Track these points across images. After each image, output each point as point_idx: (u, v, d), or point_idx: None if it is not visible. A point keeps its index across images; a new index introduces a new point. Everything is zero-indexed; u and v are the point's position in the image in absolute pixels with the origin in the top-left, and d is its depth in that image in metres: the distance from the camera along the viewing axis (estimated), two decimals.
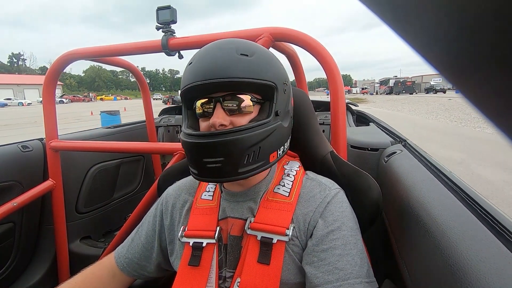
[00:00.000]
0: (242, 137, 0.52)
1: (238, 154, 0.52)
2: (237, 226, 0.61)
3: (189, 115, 0.61)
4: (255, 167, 0.55)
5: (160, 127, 2.22)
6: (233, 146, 0.52)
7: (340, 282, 0.50)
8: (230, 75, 0.52)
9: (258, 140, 0.54)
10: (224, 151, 0.52)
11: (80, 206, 1.58)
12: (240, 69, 0.53)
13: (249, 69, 0.53)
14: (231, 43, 0.56)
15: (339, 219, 0.57)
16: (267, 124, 0.55)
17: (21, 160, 1.32)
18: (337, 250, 0.53)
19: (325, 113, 1.94)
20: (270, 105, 0.57)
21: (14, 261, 1.34)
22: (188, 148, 0.55)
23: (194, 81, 0.54)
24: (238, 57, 0.54)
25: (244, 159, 0.53)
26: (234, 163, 0.53)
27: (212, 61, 0.53)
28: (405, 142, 1.12)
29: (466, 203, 0.55)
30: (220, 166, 0.53)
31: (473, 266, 0.38)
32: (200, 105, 0.57)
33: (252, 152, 0.54)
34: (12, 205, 1.17)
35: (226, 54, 0.54)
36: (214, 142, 0.52)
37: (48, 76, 1.27)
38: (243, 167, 0.54)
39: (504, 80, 0.11)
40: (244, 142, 0.52)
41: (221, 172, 0.53)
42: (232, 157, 0.52)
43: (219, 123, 0.53)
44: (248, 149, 0.53)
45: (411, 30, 0.13)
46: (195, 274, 0.60)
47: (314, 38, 0.94)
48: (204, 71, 0.53)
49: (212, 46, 0.57)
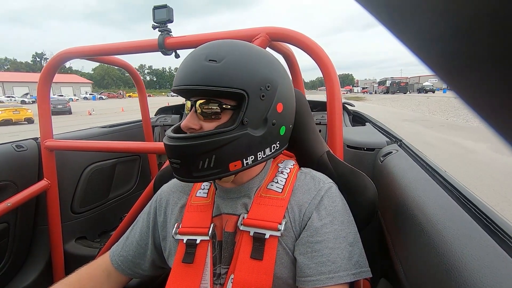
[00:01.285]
0: (195, 143, 0.54)
1: (191, 160, 0.55)
2: (231, 222, 0.62)
3: None
4: (209, 173, 0.55)
5: (156, 127, 2.21)
6: (187, 152, 0.55)
7: (332, 274, 0.52)
8: (191, 82, 0.54)
9: (211, 148, 0.53)
10: (180, 155, 0.55)
11: (75, 206, 1.57)
12: (201, 76, 0.53)
13: (211, 77, 0.53)
14: (206, 49, 0.57)
15: (331, 213, 0.58)
16: (227, 132, 0.54)
17: (16, 159, 1.31)
18: (330, 243, 0.55)
19: (322, 113, 1.94)
20: (238, 113, 0.56)
21: (8, 262, 1.32)
22: None
23: (175, 85, 0.57)
24: (205, 64, 0.53)
25: (199, 164, 0.54)
26: (188, 167, 0.55)
27: (186, 66, 0.56)
28: (400, 142, 1.13)
29: (461, 203, 0.55)
30: (179, 168, 0.56)
31: (468, 265, 0.38)
32: (187, 106, 0.61)
33: (206, 159, 0.54)
34: (6, 205, 1.16)
35: (195, 61, 0.55)
36: (173, 146, 0.55)
37: (42, 74, 1.25)
38: (197, 172, 0.55)
39: (499, 81, 0.11)
40: (196, 148, 0.54)
41: (179, 173, 0.57)
42: (186, 161, 0.55)
43: (187, 126, 0.56)
44: (200, 156, 0.54)
45: (406, 30, 0.13)
46: (189, 271, 0.60)
47: (311, 38, 0.94)
48: (178, 76, 0.57)
49: (191, 54, 0.59)
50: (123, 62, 1.55)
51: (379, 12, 0.14)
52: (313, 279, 0.52)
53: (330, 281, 0.52)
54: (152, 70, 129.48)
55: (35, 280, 1.38)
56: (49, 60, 1.26)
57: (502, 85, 0.11)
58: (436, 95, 34.83)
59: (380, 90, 50.01)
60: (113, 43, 1.17)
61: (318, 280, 0.52)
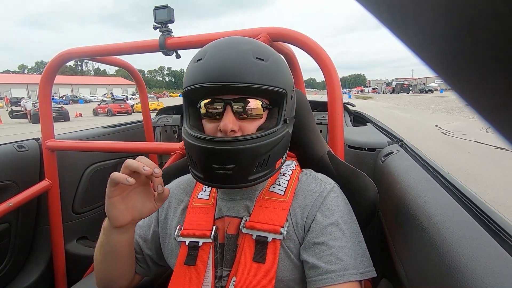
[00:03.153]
0: (254, 146, 0.52)
1: (249, 162, 0.53)
2: (233, 224, 0.61)
3: (191, 113, 0.59)
4: (263, 174, 0.56)
5: (157, 127, 2.21)
6: (245, 155, 0.52)
7: (342, 272, 0.52)
8: (245, 80, 0.51)
9: (268, 149, 0.54)
10: (236, 158, 0.52)
11: (76, 206, 1.57)
12: (256, 74, 0.52)
13: (264, 75, 0.53)
14: (247, 44, 0.55)
15: (335, 213, 0.58)
16: (276, 132, 0.55)
17: (17, 160, 1.31)
18: (336, 242, 0.54)
19: (323, 113, 1.94)
20: (279, 112, 0.57)
21: (10, 262, 1.33)
22: (196, 152, 0.54)
23: (205, 81, 0.51)
24: (254, 61, 0.52)
25: (254, 167, 0.54)
26: (245, 171, 0.53)
27: (226, 61, 0.51)
28: (402, 142, 1.12)
29: (462, 203, 0.55)
30: (231, 174, 0.52)
31: (469, 266, 0.38)
32: (205, 105, 0.55)
33: (262, 160, 0.54)
34: (7, 205, 1.16)
35: (242, 57, 0.52)
36: (227, 150, 0.51)
37: (44, 75, 1.26)
38: (252, 175, 0.54)
39: (500, 80, 0.11)
40: (256, 150, 0.53)
41: (231, 179, 0.53)
42: (243, 165, 0.52)
43: (230, 128, 0.52)
44: (259, 157, 0.53)
45: (408, 30, 0.13)
46: (191, 274, 0.60)
47: (312, 38, 0.94)
48: (217, 71, 0.51)
49: (224, 44, 0.54)
50: (124, 62, 1.55)
51: (380, 12, 0.14)
52: (323, 277, 0.52)
53: (341, 278, 0.51)
54: (171, 71, 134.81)
55: (36, 280, 1.39)
56: (50, 61, 1.26)
57: (503, 85, 0.11)
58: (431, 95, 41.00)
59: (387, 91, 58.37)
60: (115, 44, 1.17)
61: (329, 278, 0.52)
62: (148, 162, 0.54)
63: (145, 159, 0.55)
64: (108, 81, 79.66)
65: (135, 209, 0.57)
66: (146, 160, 0.55)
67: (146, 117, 1.83)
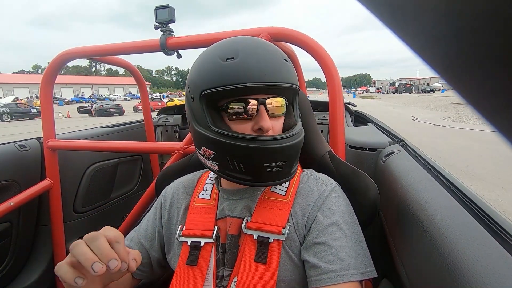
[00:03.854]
0: (299, 140, 0.57)
1: (295, 156, 0.58)
2: (235, 225, 0.61)
3: (213, 115, 0.55)
4: (295, 169, 0.60)
5: (158, 127, 2.21)
6: (295, 150, 0.56)
7: (343, 272, 0.52)
8: (283, 79, 0.53)
9: (302, 144, 0.59)
10: (288, 154, 0.55)
11: (77, 205, 1.57)
12: (288, 74, 0.55)
13: (291, 75, 0.56)
14: (272, 46, 0.57)
15: (336, 213, 0.58)
16: (302, 129, 0.61)
17: (18, 159, 1.32)
18: (337, 242, 0.54)
19: (323, 113, 1.94)
20: (293, 109, 0.62)
21: (11, 261, 1.33)
22: (244, 154, 0.52)
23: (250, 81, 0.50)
24: (284, 62, 0.55)
25: (296, 160, 0.59)
26: (291, 164, 0.57)
27: (266, 61, 0.52)
28: (403, 142, 1.12)
29: (463, 203, 0.55)
30: (281, 170, 0.55)
31: (470, 266, 0.38)
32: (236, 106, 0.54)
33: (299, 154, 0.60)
34: (9, 204, 1.16)
35: (277, 58, 0.54)
36: (280, 147, 0.53)
37: (45, 75, 1.26)
38: (293, 168, 0.59)
39: (501, 81, 0.11)
40: (299, 145, 0.58)
41: (280, 175, 0.55)
42: (292, 160, 0.56)
43: (270, 127, 0.54)
44: (299, 151, 0.59)
45: (409, 30, 0.13)
46: (193, 274, 0.60)
47: (312, 38, 0.94)
48: (261, 71, 0.51)
49: (257, 47, 0.54)
50: (125, 62, 1.55)
51: (382, 12, 0.14)
52: (324, 277, 0.52)
53: (341, 278, 0.51)
54: (179, 71, 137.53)
55: (38, 279, 1.39)
56: (51, 61, 1.26)
57: (505, 85, 0.11)
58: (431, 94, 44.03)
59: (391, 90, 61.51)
60: (115, 43, 1.17)
61: (330, 278, 0.52)
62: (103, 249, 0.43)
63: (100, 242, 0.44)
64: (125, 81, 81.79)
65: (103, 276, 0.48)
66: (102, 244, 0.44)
67: (147, 117, 1.83)
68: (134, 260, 0.48)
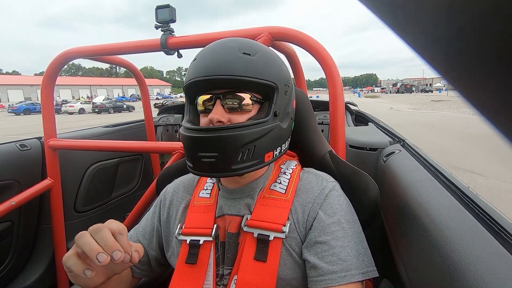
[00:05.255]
0: (237, 134, 0.53)
1: (232, 151, 0.53)
2: (234, 223, 0.61)
3: (191, 110, 0.62)
4: (249, 165, 0.55)
5: (159, 126, 2.22)
6: (227, 142, 0.53)
7: (344, 273, 0.51)
8: (230, 72, 0.53)
9: (253, 139, 0.55)
10: (219, 146, 0.53)
11: (78, 205, 1.58)
12: (241, 67, 0.54)
13: (250, 68, 0.54)
14: (234, 42, 0.57)
15: (337, 212, 0.58)
16: (264, 123, 0.56)
17: (20, 158, 1.32)
18: (339, 242, 0.54)
19: (324, 112, 1.94)
20: (269, 105, 0.58)
21: (12, 260, 1.33)
22: (185, 142, 0.57)
23: (196, 76, 0.55)
24: (240, 55, 0.55)
25: (238, 156, 0.54)
26: (228, 159, 0.53)
27: (214, 58, 0.55)
28: (403, 142, 1.12)
29: (464, 203, 0.55)
30: (214, 162, 0.54)
31: (471, 266, 0.38)
32: (202, 101, 0.58)
33: (247, 150, 0.54)
34: (10, 204, 1.17)
35: (228, 52, 0.55)
36: (209, 137, 0.53)
37: (46, 75, 1.26)
38: (236, 164, 0.54)
39: (503, 81, 0.11)
40: (239, 139, 0.53)
41: (215, 167, 0.54)
42: (226, 153, 0.53)
43: (216, 119, 0.54)
44: (242, 146, 0.54)
45: (410, 30, 0.13)
46: (193, 272, 0.60)
47: (313, 38, 0.94)
48: (206, 67, 0.54)
49: (215, 44, 0.58)
50: (126, 62, 1.55)
51: (383, 12, 0.14)
52: (325, 279, 0.52)
53: (342, 280, 0.51)
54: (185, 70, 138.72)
55: (38, 279, 1.39)
56: (52, 60, 1.26)
57: (506, 85, 0.11)
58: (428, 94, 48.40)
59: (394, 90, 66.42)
60: (116, 43, 1.17)
61: (330, 279, 0.51)
62: (107, 240, 0.45)
63: (102, 235, 0.46)
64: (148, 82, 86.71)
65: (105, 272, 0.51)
66: (106, 235, 0.46)
67: (148, 116, 1.83)
68: (137, 252, 0.49)
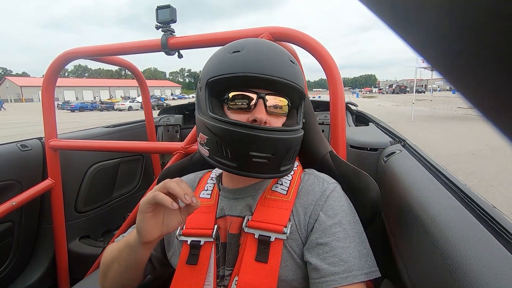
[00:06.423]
0: (290, 137, 0.56)
1: (285, 153, 0.55)
2: (235, 224, 0.61)
3: (213, 103, 0.58)
4: (290, 167, 0.59)
5: (159, 127, 2.22)
6: (283, 145, 0.55)
7: (346, 274, 0.51)
8: (284, 76, 0.54)
9: (297, 143, 0.59)
10: (276, 147, 0.54)
11: (79, 205, 1.58)
12: (292, 73, 0.56)
13: (296, 75, 0.57)
14: (279, 47, 0.59)
15: (338, 213, 0.58)
16: (299, 130, 0.60)
17: (20, 159, 1.32)
18: (340, 243, 0.54)
19: (325, 113, 1.94)
20: (297, 113, 0.62)
21: (13, 260, 1.34)
22: (231, 138, 0.53)
23: (246, 71, 0.53)
24: (289, 62, 0.57)
25: (286, 158, 0.57)
26: (280, 160, 0.55)
27: (267, 56, 0.55)
28: (404, 142, 1.12)
29: (465, 204, 0.55)
30: (267, 162, 0.54)
31: (472, 267, 0.38)
32: (235, 96, 0.56)
33: (292, 153, 0.58)
34: (11, 204, 1.17)
35: (281, 56, 0.56)
36: (268, 137, 0.53)
37: (47, 75, 1.26)
38: (284, 166, 0.57)
39: (503, 81, 0.11)
40: (291, 142, 0.56)
41: (265, 168, 0.54)
42: (280, 155, 0.55)
43: (265, 119, 0.54)
44: (291, 149, 0.57)
45: (411, 30, 0.13)
46: (193, 273, 0.60)
47: (314, 38, 0.94)
48: (259, 64, 0.53)
49: (263, 43, 0.58)
50: (126, 62, 1.56)
51: (383, 12, 0.14)
52: (327, 280, 0.51)
53: (344, 280, 0.51)
54: (191, 73, 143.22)
55: (39, 278, 1.40)
56: (52, 61, 1.27)
57: (507, 85, 0.11)
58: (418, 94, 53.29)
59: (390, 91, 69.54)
60: (117, 43, 1.17)
61: (333, 280, 0.51)
62: (188, 189, 0.53)
63: (184, 185, 0.53)
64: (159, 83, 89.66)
65: (163, 224, 0.55)
66: (186, 186, 0.53)
67: (148, 117, 1.83)
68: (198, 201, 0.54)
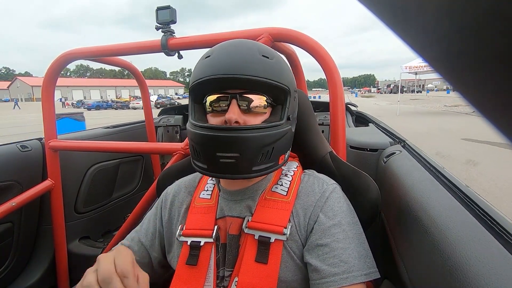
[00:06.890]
0: (259, 135, 0.53)
1: (254, 152, 0.53)
2: (235, 224, 0.61)
3: (196, 109, 0.60)
4: (267, 166, 0.56)
5: (159, 127, 2.22)
6: (250, 143, 0.53)
7: (346, 275, 0.51)
8: (252, 72, 0.53)
9: (272, 141, 0.55)
10: (241, 147, 0.52)
11: (79, 206, 1.58)
12: (262, 68, 0.54)
13: (269, 71, 0.55)
14: (252, 44, 0.58)
15: (338, 214, 0.58)
16: (280, 126, 0.57)
17: (20, 160, 1.32)
18: (340, 244, 0.54)
19: (325, 113, 1.94)
20: (282, 109, 0.59)
21: (13, 261, 1.33)
22: (200, 141, 0.54)
23: (213, 74, 0.53)
24: (260, 57, 0.55)
25: (259, 157, 0.54)
26: (249, 160, 0.53)
27: (234, 56, 0.54)
28: (404, 143, 1.12)
29: (465, 204, 0.55)
30: (235, 162, 0.53)
31: (472, 267, 0.38)
32: (213, 100, 0.57)
33: (266, 152, 0.55)
34: (10, 205, 1.17)
35: (249, 53, 0.55)
36: (232, 137, 0.52)
37: (47, 76, 1.26)
38: (257, 166, 0.55)
39: (503, 81, 0.11)
40: (261, 140, 0.54)
41: (235, 168, 0.53)
42: (248, 154, 0.53)
43: (235, 119, 0.53)
44: (263, 147, 0.54)
45: (410, 30, 0.13)
46: (193, 274, 0.59)
47: (313, 39, 0.94)
48: (225, 65, 0.53)
49: (233, 43, 0.57)
50: (126, 63, 1.56)
51: (383, 12, 0.14)
52: (327, 281, 0.51)
53: (344, 281, 0.51)
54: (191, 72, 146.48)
55: (39, 279, 1.39)
56: (52, 62, 1.27)
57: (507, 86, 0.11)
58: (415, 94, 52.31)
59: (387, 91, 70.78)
60: (117, 44, 1.17)
61: (333, 281, 0.51)
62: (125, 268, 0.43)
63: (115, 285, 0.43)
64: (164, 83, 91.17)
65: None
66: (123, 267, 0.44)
67: (148, 117, 1.83)
68: None
